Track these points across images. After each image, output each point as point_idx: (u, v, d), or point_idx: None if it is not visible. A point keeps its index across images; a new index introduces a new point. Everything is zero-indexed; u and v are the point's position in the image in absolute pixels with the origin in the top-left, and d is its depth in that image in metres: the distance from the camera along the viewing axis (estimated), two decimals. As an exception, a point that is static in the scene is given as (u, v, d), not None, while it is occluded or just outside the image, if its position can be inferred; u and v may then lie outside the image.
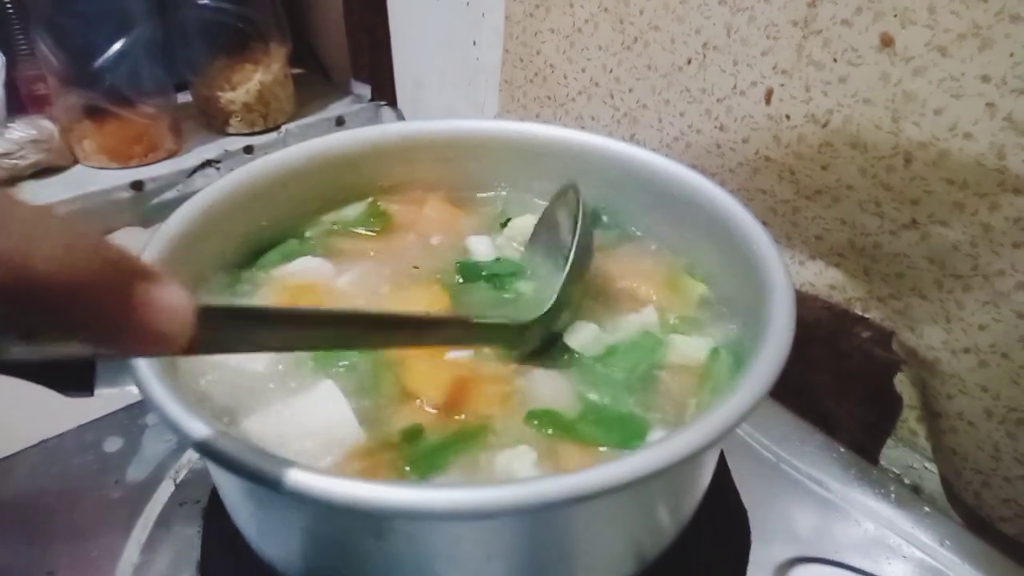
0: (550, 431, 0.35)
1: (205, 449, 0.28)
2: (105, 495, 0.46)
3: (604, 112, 0.65)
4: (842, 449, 0.50)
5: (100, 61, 0.82)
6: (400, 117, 1.05)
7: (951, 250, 0.45)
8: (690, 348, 0.40)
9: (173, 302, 0.20)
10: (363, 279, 0.45)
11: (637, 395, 0.38)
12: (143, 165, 0.89)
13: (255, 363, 0.38)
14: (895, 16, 0.42)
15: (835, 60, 0.46)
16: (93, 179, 0.86)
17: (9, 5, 0.83)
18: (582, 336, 0.40)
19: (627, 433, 0.36)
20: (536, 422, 0.36)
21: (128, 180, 0.86)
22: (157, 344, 0.21)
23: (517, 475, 0.33)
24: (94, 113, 0.85)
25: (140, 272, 0.20)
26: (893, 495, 0.46)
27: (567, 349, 0.40)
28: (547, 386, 0.38)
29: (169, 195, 0.89)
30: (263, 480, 0.26)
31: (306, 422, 0.34)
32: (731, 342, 0.41)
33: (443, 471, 0.33)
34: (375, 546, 0.30)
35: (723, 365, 0.39)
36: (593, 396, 0.38)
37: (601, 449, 0.35)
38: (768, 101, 0.50)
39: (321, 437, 0.34)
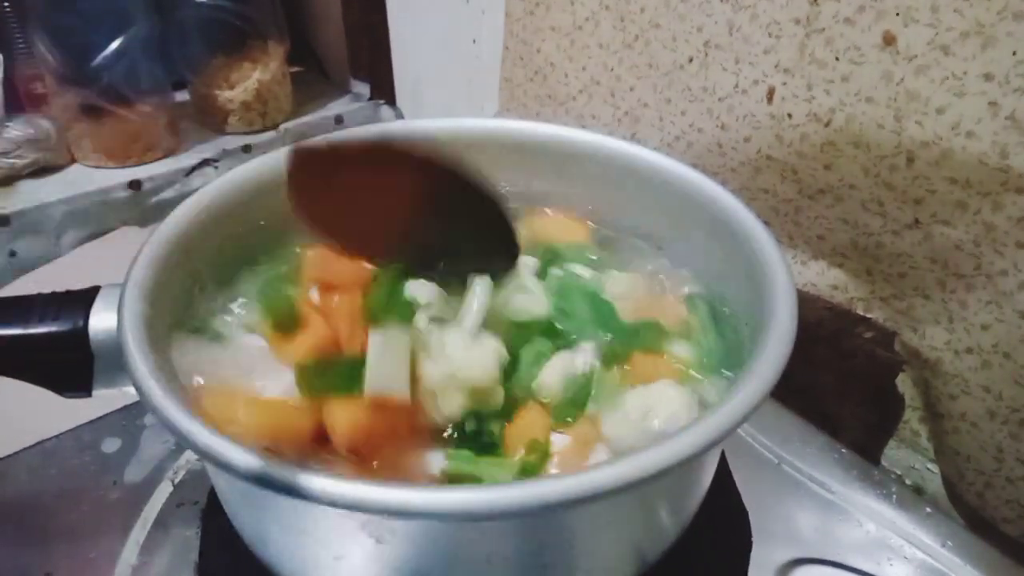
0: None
1: (203, 450, 0.27)
2: (103, 496, 0.46)
3: (605, 111, 0.65)
4: (844, 450, 0.50)
5: (98, 60, 0.81)
6: (399, 116, 1.05)
7: (954, 250, 0.44)
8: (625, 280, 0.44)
9: None
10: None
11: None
12: (141, 164, 0.89)
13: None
14: (897, 15, 0.42)
15: (837, 59, 0.46)
16: (90, 178, 0.86)
17: (7, 4, 0.82)
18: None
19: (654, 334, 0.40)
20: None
21: (126, 179, 0.86)
22: None
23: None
24: (92, 112, 0.84)
25: None
26: (895, 496, 0.46)
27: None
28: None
29: (167, 194, 0.89)
30: (262, 481, 0.26)
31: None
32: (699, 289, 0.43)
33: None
34: (375, 548, 0.30)
35: (701, 313, 0.41)
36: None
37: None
38: (770, 100, 0.50)
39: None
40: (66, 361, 0.35)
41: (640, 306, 0.42)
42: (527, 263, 0.42)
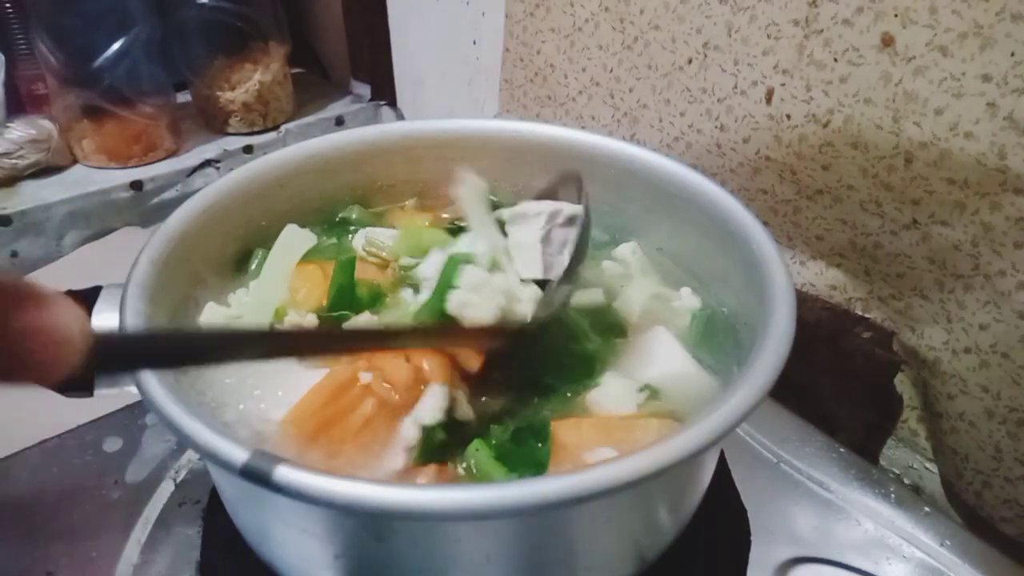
0: None
1: (204, 450, 0.28)
2: (105, 495, 0.46)
3: (604, 112, 0.65)
4: (842, 449, 0.50)
5: (99, 61, 0.82)
6: (400, 117, 1.05)
7: (952, 250, 0.45)
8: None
9: (61, 330, 0.19)
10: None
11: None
12: (142, 165, 0.89)
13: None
14: (896, 16, 0.42)
15: (836, 60, 0.46)
16: (92, 179, 0.86)
17: (8, 5, 0.83)
18: None
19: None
20: None
21: (127, 180, 0.86)
22: (40, 374, 0.19)
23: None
24: (93, 113, 0.85)
25: (25, 296, 0.18)
26: (893, 495, 0.46)
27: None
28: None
29: (168, 195, 0.89)
30: (263, 481, 0.26)
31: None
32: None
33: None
34: (375, 547, 0.30)
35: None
36: None
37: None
38: (769, 101, 0.50)
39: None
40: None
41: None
42: None
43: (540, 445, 0.35)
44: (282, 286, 0.41)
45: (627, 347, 0.41)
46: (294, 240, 0.43)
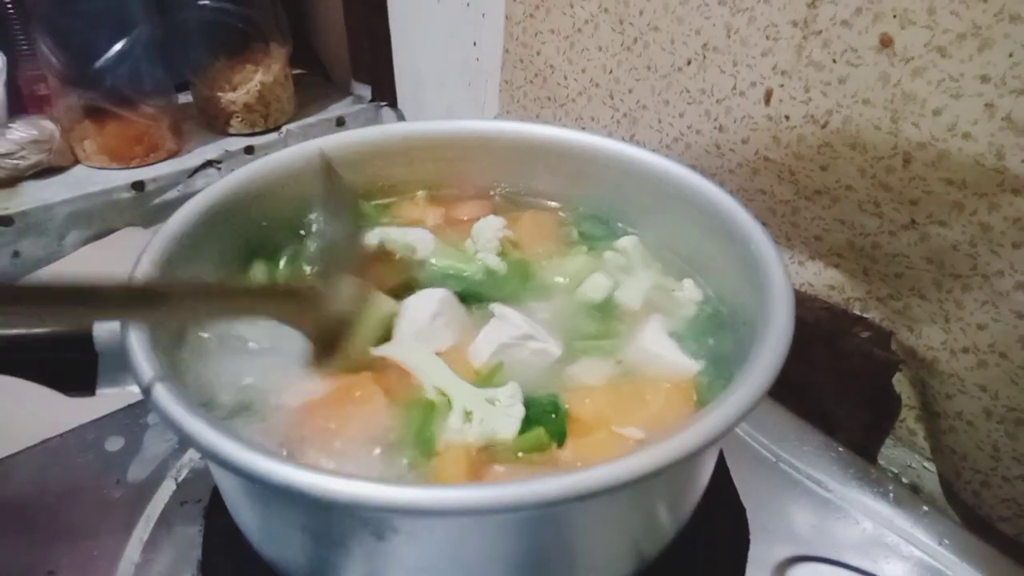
0: None
1: (206, 449, 0.28)
2: (106, 494, 0.46)
3: (604, 113, 0.66)
4: (841, 448, 0.50)
5: (101, 61, 0.82)
6: (400, 117, 1.05)
7: (950, 250, 0.45)
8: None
9: None
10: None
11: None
12: (144, 165, 0.89)
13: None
14: (894, 17, 0.42)
15: (835, 61, 0.46)
16: (94, 179, 0.86)
17: (10, 5, 0.83)
18: None
19: None
20: None
21: (129, 180, 0.87)
22: None
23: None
24: (95, 113, 0.85)
25: None
26: (892, 494, 0.47)
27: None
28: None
29: (170, 195, 0.89)
30: (264, 480, 0.27)
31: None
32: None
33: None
34: (377, 546, 0.31)
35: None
36: None
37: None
38: (768, 102, 0.51)
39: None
40: (70, 360, 0.35)
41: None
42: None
43: (554, 416, 0.36)
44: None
45: (620, 331, 0.42)
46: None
